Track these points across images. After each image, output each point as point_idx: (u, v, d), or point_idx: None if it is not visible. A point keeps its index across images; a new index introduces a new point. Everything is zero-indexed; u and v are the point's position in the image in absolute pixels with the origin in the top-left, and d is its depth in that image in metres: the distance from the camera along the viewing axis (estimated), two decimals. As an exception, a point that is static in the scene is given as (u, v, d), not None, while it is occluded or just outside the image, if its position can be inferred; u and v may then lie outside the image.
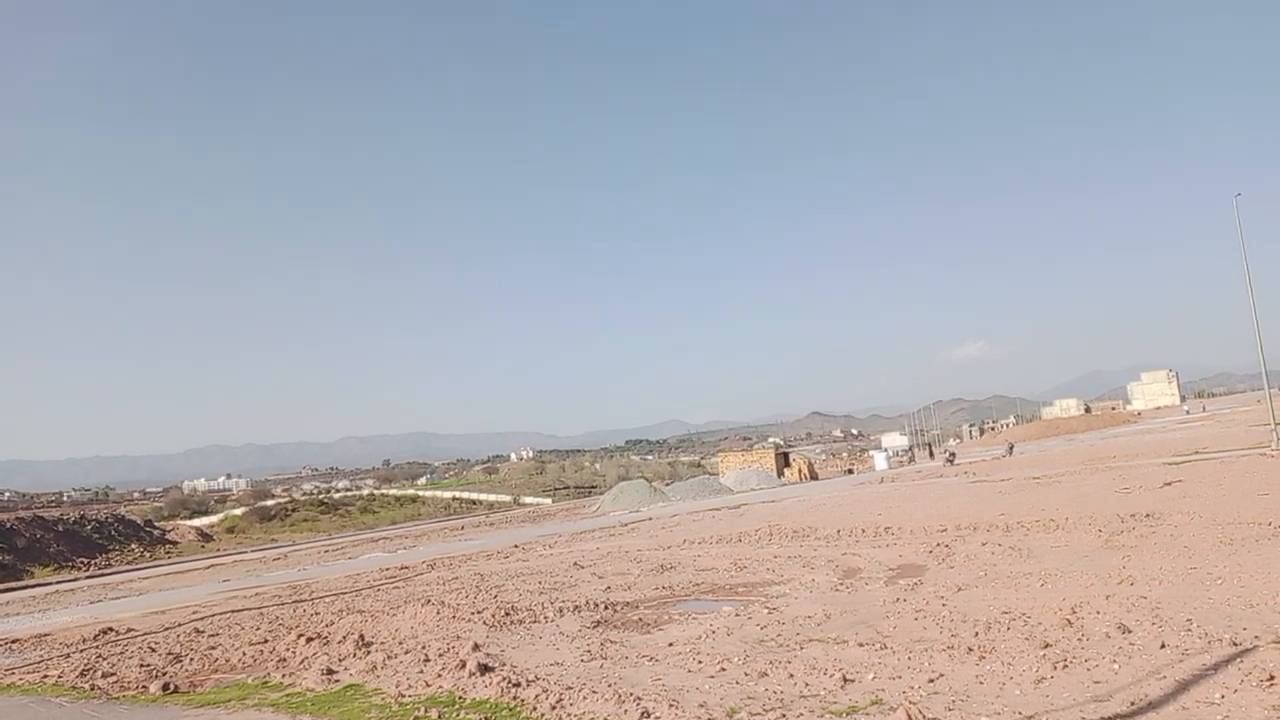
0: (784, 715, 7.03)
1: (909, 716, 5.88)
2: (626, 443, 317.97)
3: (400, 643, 12.46)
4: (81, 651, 15.78)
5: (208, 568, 40.76)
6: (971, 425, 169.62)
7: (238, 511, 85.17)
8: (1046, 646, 8.24)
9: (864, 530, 21.25)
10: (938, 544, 17.16)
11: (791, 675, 8.34)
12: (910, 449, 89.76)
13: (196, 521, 77.71)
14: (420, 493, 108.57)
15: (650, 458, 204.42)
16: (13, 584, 44.07)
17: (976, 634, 9.20)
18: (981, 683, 7.45)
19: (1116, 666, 7.42)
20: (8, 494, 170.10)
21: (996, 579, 12.65)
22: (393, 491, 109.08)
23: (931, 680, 7.67)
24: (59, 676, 13.25)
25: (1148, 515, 17.62)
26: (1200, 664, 7.19)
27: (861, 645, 9.31)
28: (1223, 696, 6.33)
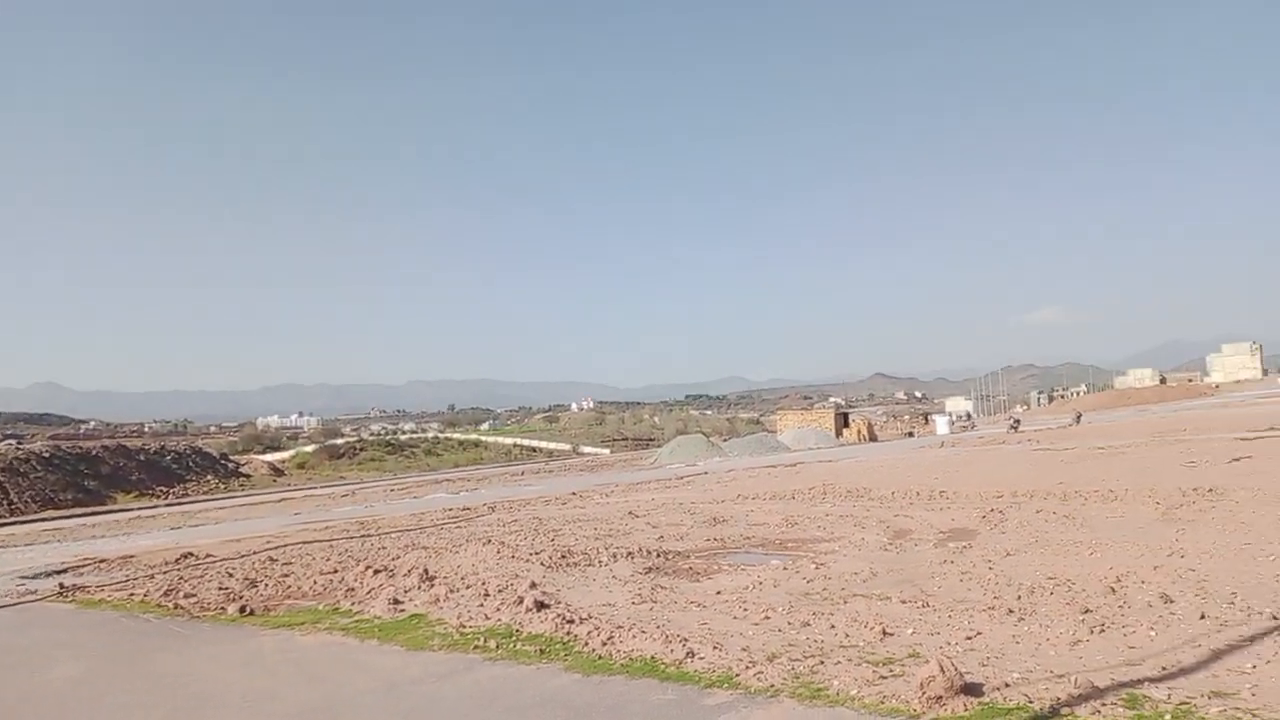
0: (822, 662, 7.37)
1: (941, 668, 6.14)
2: (686, 397, 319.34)
3: (462, 578, 13.08)
4: (165, 573, 16.81)
5: (279, 501, 42.56)
6: (1040, 393, 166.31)
7: (308, 448, 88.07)
8: (1087, 612, 8.39)
9: (918, 493, 21.33)
10: (992, 509, 17.20)
11: (833, 626, 8.66)
12: (968, 414, 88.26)
13: (269, 456, 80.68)
14: (483, 438, 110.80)
15: (709, 413, 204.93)
16: (97, 508, 46.58)
17: (1019, 597, 9.36)
18: (1018, 642, 7.67)
19: (1154, 634, 7.56)
20: (93, 423, 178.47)
21: (1046, 546, 12.73)
22: (456, 435, 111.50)
23: (969, 638, 7.91)
24: (145, 595, 14.19)
25: (1210, 490, 17.36)
26: (1237, 635, 7.29)
27: (904, 603, 9.56)
28: (1254, 667, 6.44)
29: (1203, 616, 7.96)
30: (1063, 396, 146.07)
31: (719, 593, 11.03)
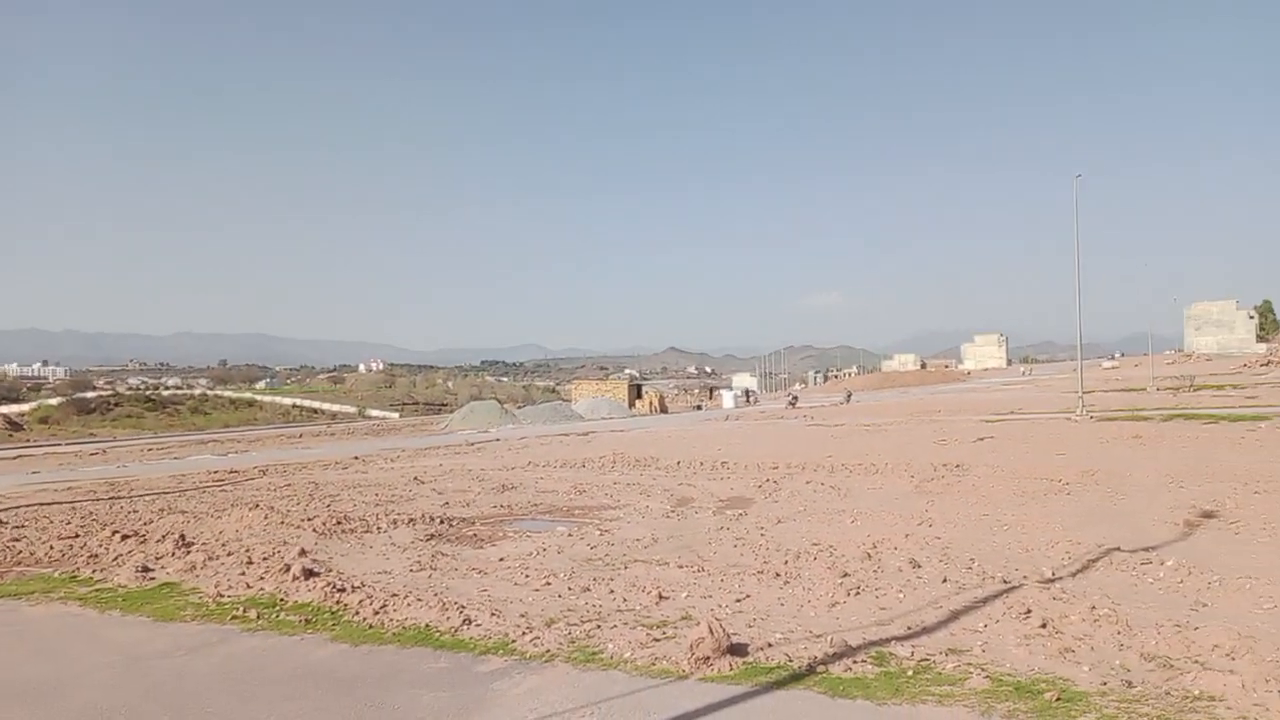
0: (599, 626, 7.43)
1: (710, 630, 6.34)
2: (482, 363, 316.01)
3: (223, 545, 12.18)
4: None
5: (15, 458, 38.08)
6: (817, 372, 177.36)
7: (53, 401, 79.65)
8: (845, 576, 8.97)
9: (702, 463, 22.09)
10: (767, 479, 18.10)
11: (612, 591, 8.77)
12: (747, 391, 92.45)
13: (5, 409, 72.06)
14: (258, 397, 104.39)
15: (505, 380, 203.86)
16: None
17: (786, 562, 9.88)
18: (782, 604, 8.09)
19: (902, 596, 8.19)
20: None
21: (813, 514, 13.54)
22: (228, 393, 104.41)
23: (738, 600, 8.27)
24: None
25: (957, 466, 19.11)
26: (973, 597, 8.02)
27: (681, 567, 9.85)
28: (985, 625, 7.13)
29: (945, 580, 8.72)
30: (836, 376, 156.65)
31: (502, 559, 10.90)
